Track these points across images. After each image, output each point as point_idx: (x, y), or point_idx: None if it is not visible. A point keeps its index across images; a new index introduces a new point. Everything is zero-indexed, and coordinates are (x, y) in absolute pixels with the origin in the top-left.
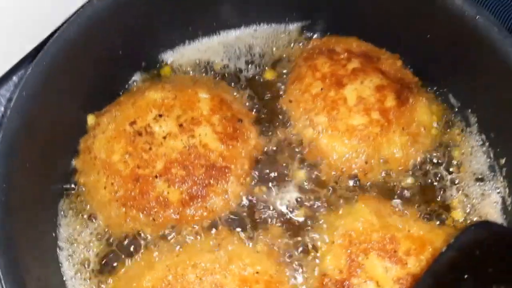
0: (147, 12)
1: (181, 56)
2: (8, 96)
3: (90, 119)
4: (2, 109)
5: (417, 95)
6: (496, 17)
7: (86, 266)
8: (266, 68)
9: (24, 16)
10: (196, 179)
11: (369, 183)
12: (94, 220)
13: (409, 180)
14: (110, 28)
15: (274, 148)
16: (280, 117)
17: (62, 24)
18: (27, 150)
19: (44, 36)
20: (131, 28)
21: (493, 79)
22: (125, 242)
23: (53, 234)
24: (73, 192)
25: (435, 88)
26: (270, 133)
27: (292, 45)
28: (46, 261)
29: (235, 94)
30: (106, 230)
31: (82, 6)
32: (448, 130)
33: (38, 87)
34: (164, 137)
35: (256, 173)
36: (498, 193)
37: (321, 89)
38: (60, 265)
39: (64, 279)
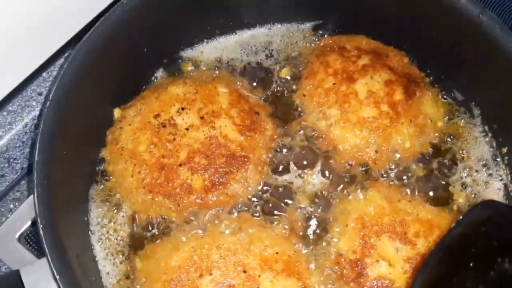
0: (170, 13)
1: (200, 53)
2: (38, 90)
3: (117, 112)
4: (34, 103)
5: (423, 89)
6: (498, 17)
7: (115, 248)
8: (281, 65)
9: (54, 13)
10: (217, 167)
11: (379, 171)
12: (122, 206)
13: (417, 168)
14: (136, 28)
15: (290, 139)
16: (294, 110)
17: (91, 22)
18: (62, 141)
19: (71, 35)
20: (155, 28)
21: (495, 74)
22: (152, 226)
23: (85, 219)
24: (102, 180)
25: (440, 83)
26: (285, 125)
27: (304, 43)
28: (81, 243)
29: (252, 88)
30: (133, 215)
31: (111, 5)
32: (453, 121)
33: (71, 84)
34: (187, 129)
35: (274, 162)
36: (501, 180)
37: (333, 84)
38: (92, 247)
39: (96, 259)
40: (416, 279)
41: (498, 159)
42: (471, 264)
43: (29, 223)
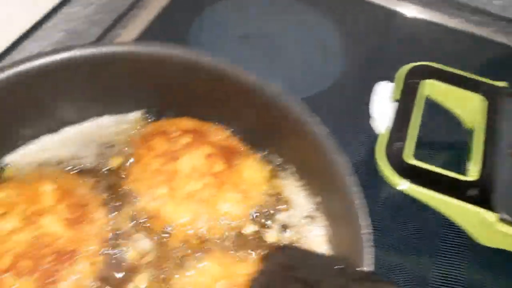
0: None
1: (24, 156)
2: None
3: None
4: None
5: (244, 157)
6: None
7: None
8: (110, 156)
9: None
10: (45, 267)
11: (212, 240)
12: None
13: (247, 232)
14: None
15: (123, 224)
16: (127, 196)
17: None
18: None
19: None
20: None
21: (296, 140)
22: None
23: None
24: None
25: (260, 150)
26: (118, 211)
27: (133, 131)
28: None
29: (81, 180)
30: None
31: None
32: (275, 181)
33: None
34: (9, 233)
35: (107, 250)
36: (323, 226)
37: (160, 165)
38: None
39: None
40: None
41: (318, 209)
42: None
43: None
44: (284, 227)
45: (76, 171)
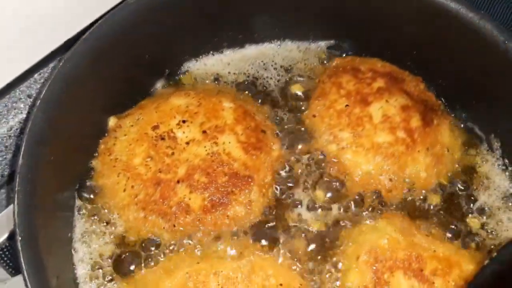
0: (178, 19)
1: (204, 65)
2: (28, 92)
3: (112, 121)
4: (22, 105)
5: (441, 117)
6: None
7: (100, 269)
8: (289, 83)
9: (50, 13)
10: (218, 186)
11: (392, 201)
12: (110, 223)
13: (432, 201)
14: (140, 31)
15: (297, 162)
16: (303, 131)
17: (90, 25)
18: (51, 145)
19: (68, 36)
20: (159, 34)
21: None
22: (142, 247)
23: (69, 235)
24: (91, 193)
25: (455, 113)
26: (292, 146)
27: (315, 62)
28: (62, 262)
29: (258, 105)
30: (123, 234)
31: (113, 8)
32: (470, 153)
33: (65, 84)
34: (187, 143)
35: (279, 184)
36: None
37: (346, 105)
38: (74, 267)
39: (77, 281)
40: None
41: None
42: None
43: (4, 236)
44: (481, 210)
45: (251, 91)
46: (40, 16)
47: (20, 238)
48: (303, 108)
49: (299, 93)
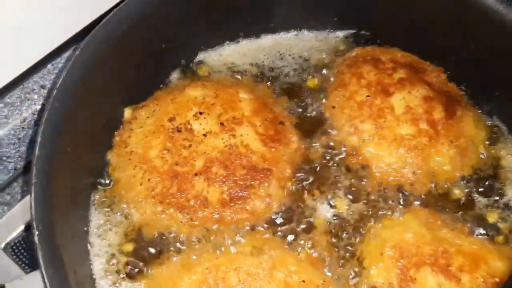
0: (195, 8)
1: (220, 56)
2: (41, 83)
3: (127, 112)
4: (35, 96)
5: (464, 109)
6: None
7: (116, 264)
8: (308, 73)
9: (64, 1)
10: (237, 179)
11: (416, 194)
12: (127, 217)
13: (457, 194)
14: (156, 20)
15: (316, 153)
16: (322, 122)
17: (104, 14)
18: (67, 136)
19: (81, 26)
20: (177, 22)
21: None
22: (160, 241)
23: (85, 229)
24: (106, 186)
25: (478, 104)
26: (311, 138)
27: (333, 52)
28: (78, 256)
29: (275, 97)
30: (140, 228)
31: None
32: (495, 146)
33: (82, 74)
34: (205, 135)
35: (298, 178)
36: None
37: (367, 96)
38: (90, 262)
39: (94, 277)
40: None
41: None
42: None
43: (18, 231)
44: (500, 204)
45: (268, 82)
46: (54, 4)
47: (37, 232)
48: (321, 98)
49: (317, 83)
